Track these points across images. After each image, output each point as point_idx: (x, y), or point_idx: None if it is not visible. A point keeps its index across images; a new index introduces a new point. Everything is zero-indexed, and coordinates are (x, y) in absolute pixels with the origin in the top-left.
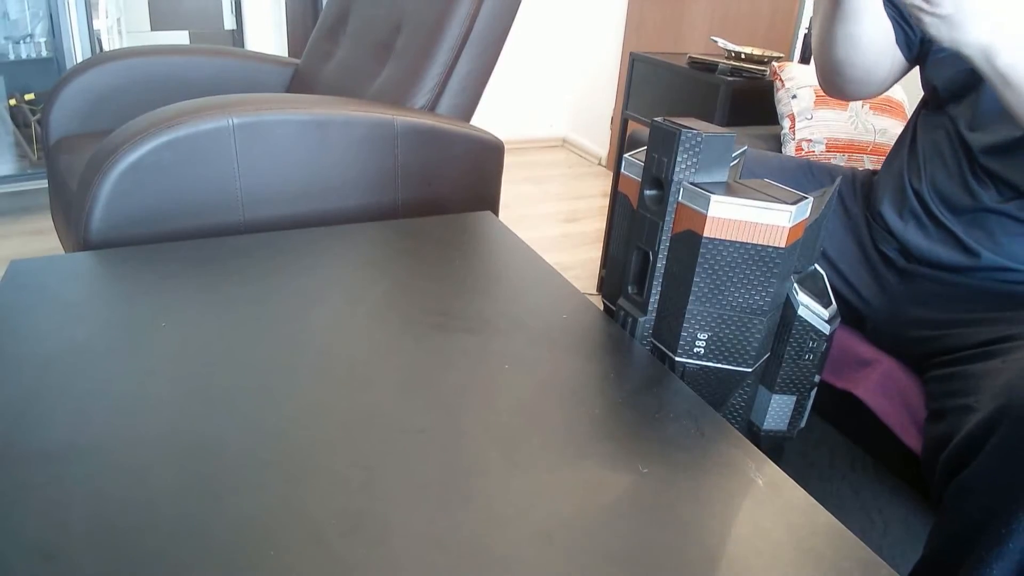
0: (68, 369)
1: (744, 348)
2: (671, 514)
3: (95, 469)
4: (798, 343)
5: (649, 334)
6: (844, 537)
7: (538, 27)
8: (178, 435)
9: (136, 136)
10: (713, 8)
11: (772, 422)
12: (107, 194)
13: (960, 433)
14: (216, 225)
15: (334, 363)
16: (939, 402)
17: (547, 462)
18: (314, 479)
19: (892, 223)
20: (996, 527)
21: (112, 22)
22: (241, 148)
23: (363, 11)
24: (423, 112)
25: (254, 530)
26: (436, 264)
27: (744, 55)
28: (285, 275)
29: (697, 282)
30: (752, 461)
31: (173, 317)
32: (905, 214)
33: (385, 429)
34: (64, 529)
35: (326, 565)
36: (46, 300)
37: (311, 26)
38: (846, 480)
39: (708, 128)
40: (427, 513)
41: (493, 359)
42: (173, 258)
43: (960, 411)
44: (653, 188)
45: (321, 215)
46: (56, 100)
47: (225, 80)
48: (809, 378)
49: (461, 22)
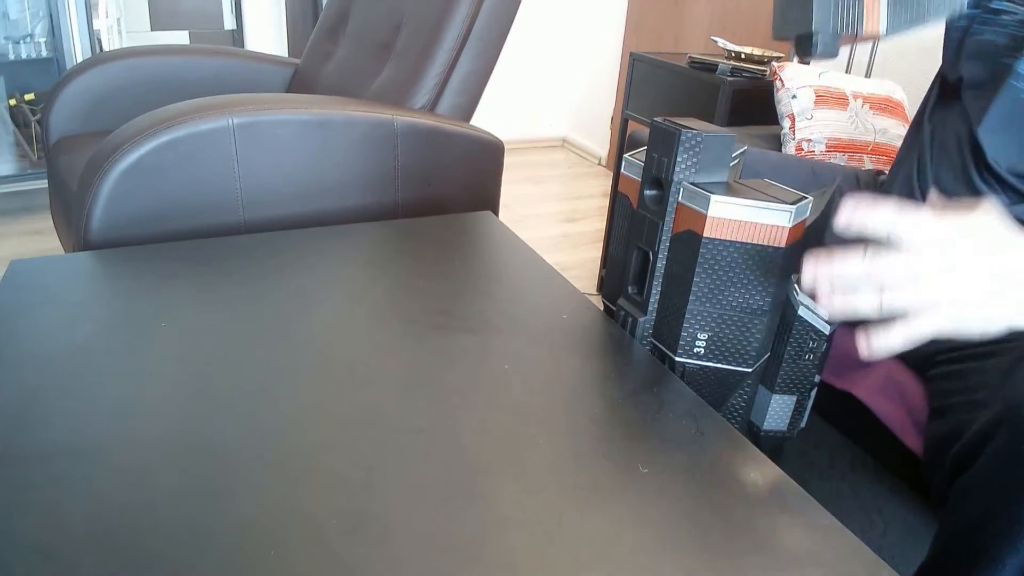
0: (68, 369)
1: (744, 348)
2: (671, 514)
3: (95, 469)
4: (798, 343)
5: (649, 334)
6: (844, 537)
7: (538, 27)
8: (178, 435)
9: (136, 136)
10: (713, 8)
11: (772, 422)
12: (107, 194)
13: (965, 431)
14: (216, 225)
15: (334, 363)
16: (941, 400)
17: (547, 462)
18: (314, 479)
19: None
20: (1009, 525)
21: (112, 22)
22: (241, 148)
23: (363, 11)
24: (423, 112)
25: (254, 530)
26: (436, 264)
27: (744, 55)
28: (285, 275)
29: (697, 282)
30: (752, 461)
31: (173, 317)
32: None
33: (385, 429)
34: (63, 529)
35: (326, 565)
36: (46, 300)
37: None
38: (846, 480)
39: (708, 128)
40: (427, 513)
41: (493, 359)
42: (173, 258)
43: (963, 408)
44: (653, 188)
45: (321, 215)
46: (56, 100)
47: (225, 80)
48: (809, 378)
49: (461, 22)
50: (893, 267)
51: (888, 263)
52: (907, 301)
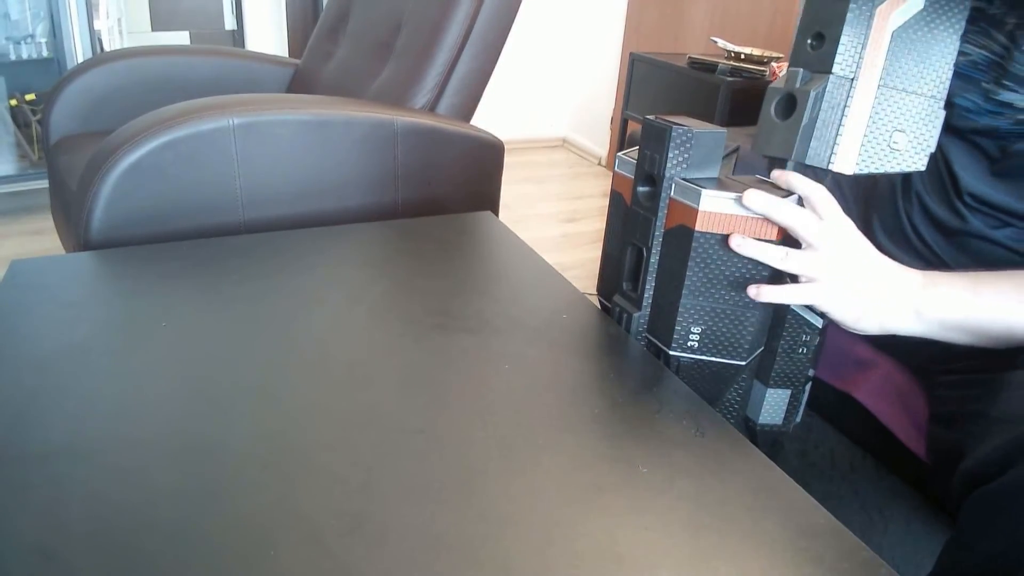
0: (68, 369)
1: (737, 341)
2: (671, 514)
3: (94, 469)
4: (791, 337)
5: (644, 329)
6: (844, 537)
7: (538, 27)
8: (177, 435)
9: (136, 136)
10: (713, 8)
11: (767, 416)
12: (107, 194)
13: (973, 443)
14: (216, 225)
15: (333, 363)
16: (947, 407)
17: (547, 462)
18: (313, 479)
19: (885, 246)
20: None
21: (113, 22)
22: (241, 148)
23: (363, 11)
24: (423, 112)
25: (253, 530)
26: (436, 264)
27: (744, 55)
28: (285, 275)
29: (690, 276)
30: (752, 461)
31: (173, 317)
32: (896, 236)
33: (384, 429)
34: (63, 529)
35: (325, 565)
36: (46, 300)
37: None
38: (846, 480)
39: (699, 125)
40: (426, 513)
41: (493, 359)
42: (173, 258)
43: (975, 418)
44: (646, 184)
45: (321, 215)
46: (57, 100)
47: (225, 80)
48: (803, 372)
49: (461, 22)
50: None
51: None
52: (803, 265)
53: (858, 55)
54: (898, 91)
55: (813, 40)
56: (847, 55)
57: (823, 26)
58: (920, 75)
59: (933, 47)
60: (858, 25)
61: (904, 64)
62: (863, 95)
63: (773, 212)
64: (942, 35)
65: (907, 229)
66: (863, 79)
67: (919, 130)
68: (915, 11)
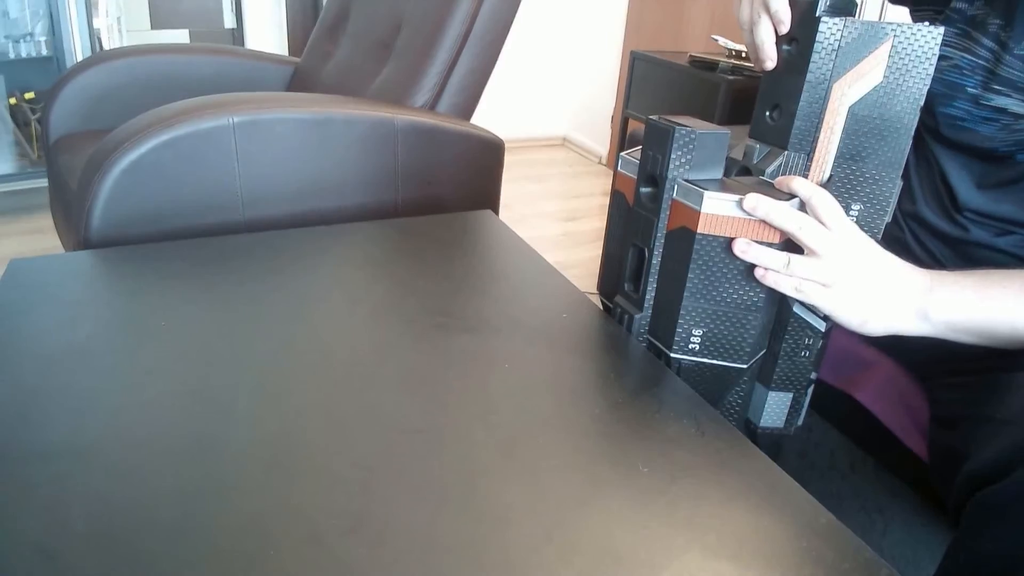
0: (68, 369)
1: (739, 344)
2: (671, 514)
3: (95, 469)
4: (794, 340)
5: (645, 331)
6: (844, 537)
7: (538, 26)
8: (177, 435)
9: (136, 135)
10: (713, 7)
11: (769, 419)
12: (107, 193)
13: (976, 446)
14: (216, 224)
15: (334, 363)
16: (948, 409)
17: (547, 462)
18: (313, 479)
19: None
20: None
21: (112, 21)
22: (241, 147)
23: (363, 10)
24: (423, 111)
25: (253, 530)
26: (436, 263)
27: (744, 54)
28: (285, 275)
29: (691, 278)
30: (752, 461)
31: (173, 317)
32: (898, 246)
33: (385, 429)
34: (63, 529)
35: (325, 565)
36: (46, 299)
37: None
38: (846, 480)
39: (702, 126)
40: (427, 513)
41: (493, 359)
42: (173, 257)
43: (977, 420)
44: (648, 185)
45: (321, 214)
46: (56, 99)
47: (225, 79)
48: (806, 375)
49: (461, 21)
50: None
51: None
52: (806, 272)
53: (815, 129)
54: (856, 162)
55: (771, 111)
56: (803, 130)
57: (780, 99)
58: (877, 148)
59: (891, 120)
60: (814, 101)
61: (861, 138)
62: (819, 168)
63: (774, 216)
64: (901, 106)
65: (909, 240)
66: (820, 152)
67: (876, 200)
68: (873, 85)
